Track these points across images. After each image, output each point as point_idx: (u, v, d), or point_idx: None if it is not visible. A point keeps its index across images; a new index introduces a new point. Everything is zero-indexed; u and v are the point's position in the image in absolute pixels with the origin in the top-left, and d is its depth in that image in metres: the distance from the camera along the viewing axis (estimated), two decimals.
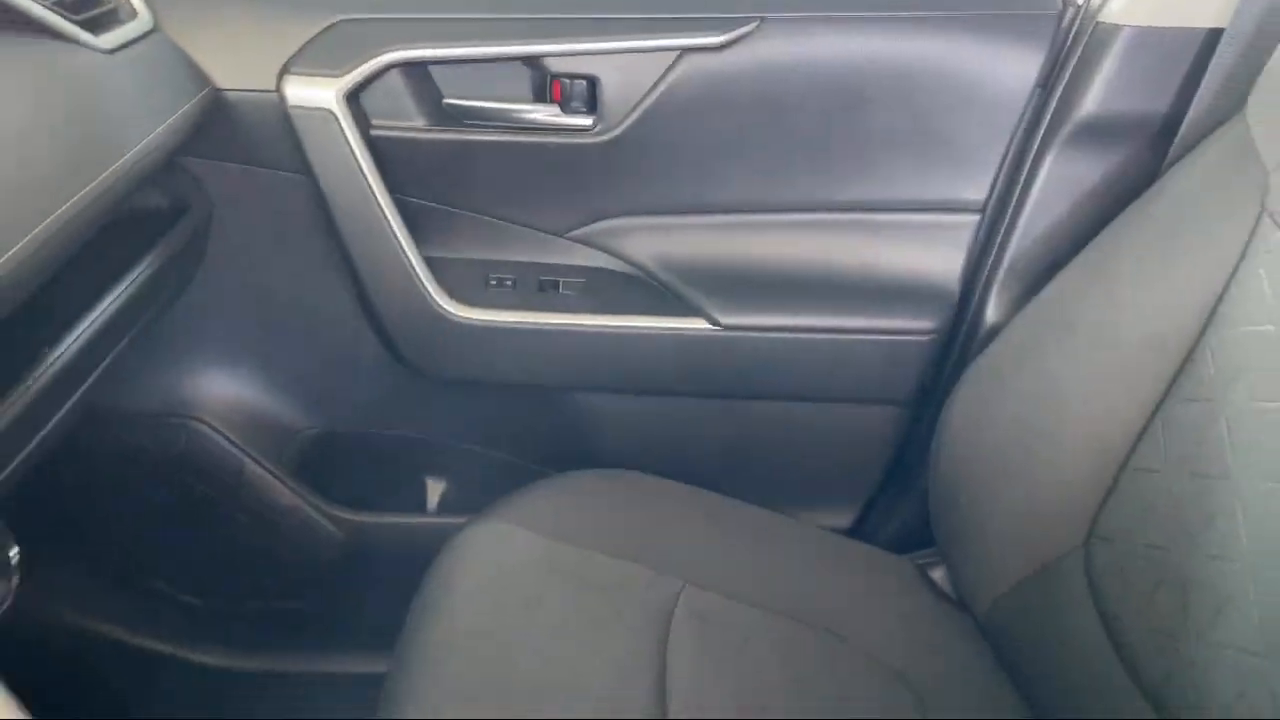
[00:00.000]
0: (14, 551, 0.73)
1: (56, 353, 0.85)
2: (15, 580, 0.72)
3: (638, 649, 0.91)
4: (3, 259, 0.65)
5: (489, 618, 0.92)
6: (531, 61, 1.10)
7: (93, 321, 0.91)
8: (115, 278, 0.96)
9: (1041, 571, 0.91)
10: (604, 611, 0.94)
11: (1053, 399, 0.95)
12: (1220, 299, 0.85)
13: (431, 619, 0.93)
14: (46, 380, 0.82)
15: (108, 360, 0.96)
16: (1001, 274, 1.13)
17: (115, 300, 0.94)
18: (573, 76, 1.09)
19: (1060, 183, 1.09)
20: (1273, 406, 0.76)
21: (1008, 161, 1.13)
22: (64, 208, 0.73)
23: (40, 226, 0.70)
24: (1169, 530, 0.81)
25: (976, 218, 1.15)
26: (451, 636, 0.90)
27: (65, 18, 0.84)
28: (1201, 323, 0.86)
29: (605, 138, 1.11)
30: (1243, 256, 0.85)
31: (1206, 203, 0.92)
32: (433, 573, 0.98)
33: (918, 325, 1.15)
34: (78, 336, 0.89)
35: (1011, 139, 1.12)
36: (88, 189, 0.77)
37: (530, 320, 1.14)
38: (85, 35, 0.86)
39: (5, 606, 0.70)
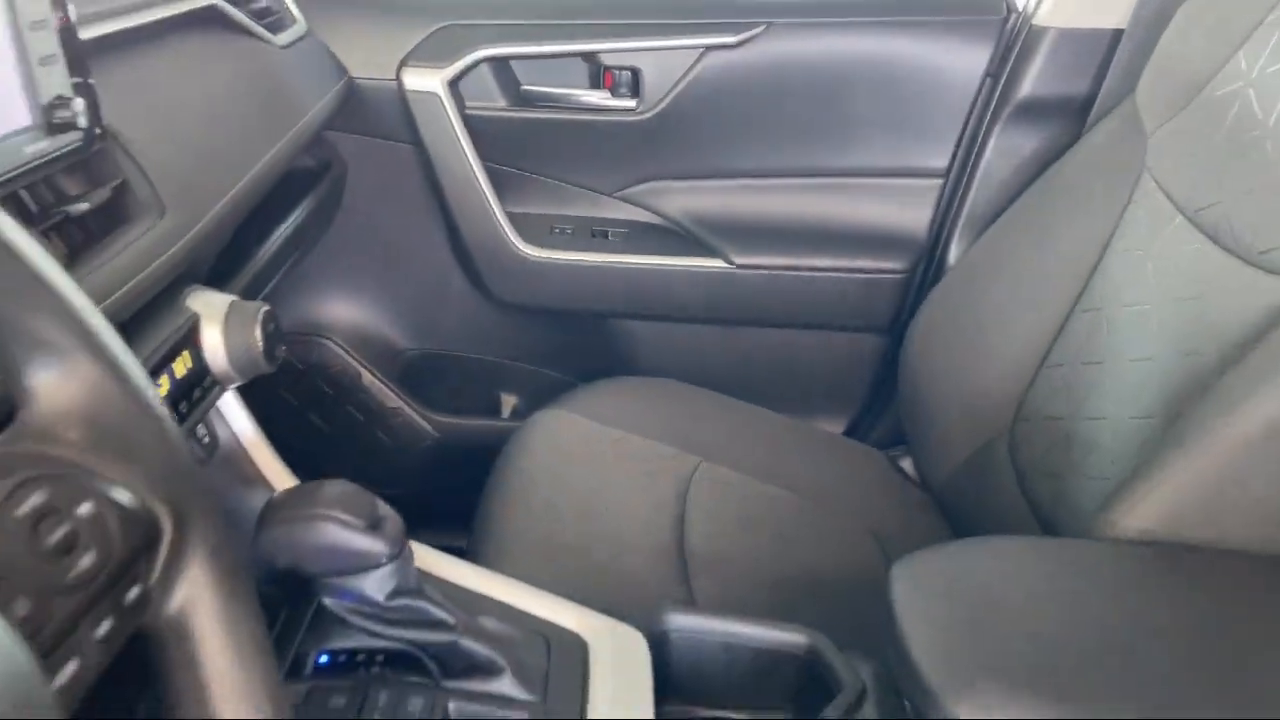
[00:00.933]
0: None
1: (240, 281, 1.13)
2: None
3: (663, 501, 1.18)
4: (223, 201, 0.92)
5: (547, 483, 1.19)
6: (588, 57, 1.39)
7: (262, 255, 1.19)
8: (278, 222, 1.25)
9: (980, 450, 1.18)
10: (639, 476, 1.22)
11: (988, 317, 1.21)
12: (1112, 235, 1.11)
13: (503, 487, 1.20)
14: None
15: (268, 288, 1.25)
16: (960, 225, 1.40)
17: (278, 239, 1.23)
18: (620, 69, 1.38)
19: (1004, 152, 1.36)
20: (1136, 309, 1.02)
21: (964, 136, 1.39)
22: (261, 162, 1.02)
23: (251, 174, 0.99)
24: (1064, 406, 1.07)
25: (940, 181, 1.42)
26: (519, 496, 1.18)
27: (257, 22, 1.14)
28: (1098, 253, 1.12)
29: (645, 117, 1.40)
30: (1128, 202, 1.11)
31: (1105, 162, 1.18)
32: (503, 454, 1.26)
33: (892, 265, 1.43)
34: (251, 267, 1.16)
35: (967, 118, 1.39)
36: (275, 149, 1.06)
37: (585, 259, 1.43)
38: (269, 35, 1.16)
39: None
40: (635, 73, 1.39)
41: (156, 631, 0.37)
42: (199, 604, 0.38)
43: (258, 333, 0.79)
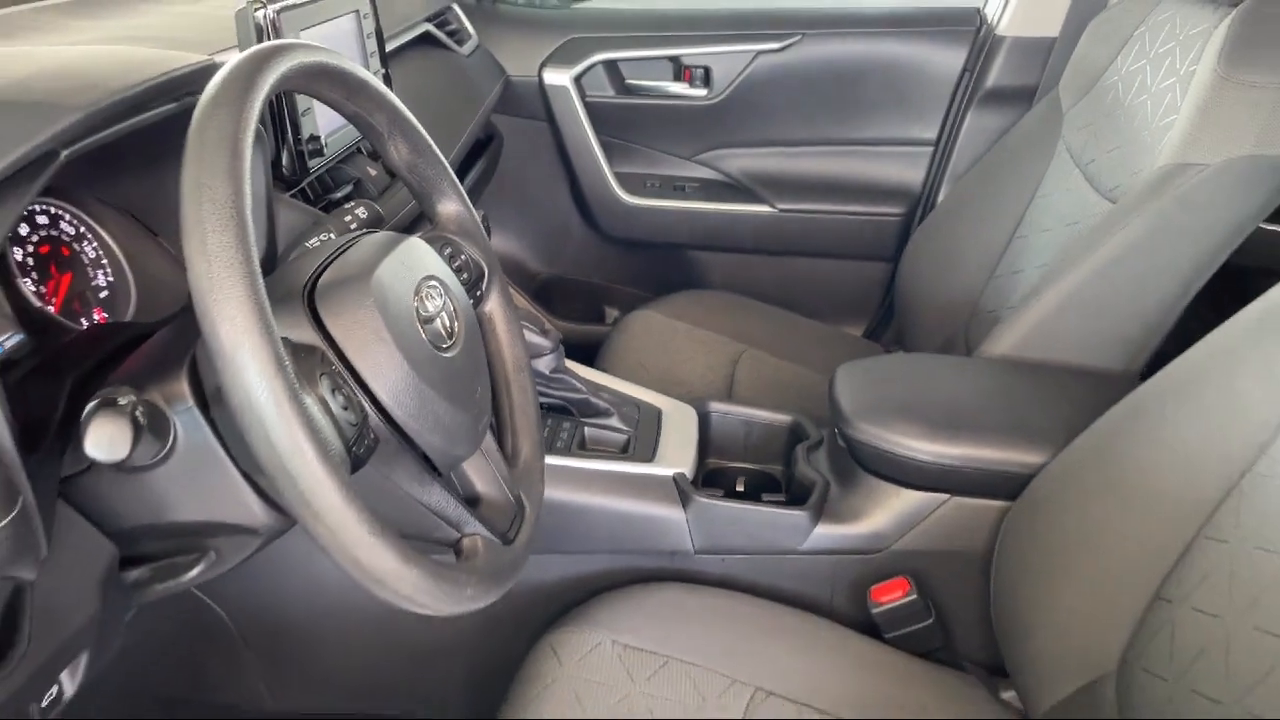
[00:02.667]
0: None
1: None
2: None
3: (717, 371, 1.67)
4: (454, 150, 1.44)
5: (636, 360, 1.66)
6: (673, 59, 1.89)
7: None
8: (459, 176, 1.77)
9: (948, 338, 1.62)
10: (700, 355, 1.70)
11: (956, 244, 1.65)
12: (1039, 185, 1.55)
13: (607, 362, 1.65)
14: None
15: None
16: (945, 180, 1.86)
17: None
18: (696, 67, 1.87)
19: (975, 126, 1.80)
20: (1046, 233, 1.47)
21: (948, 115, 1.85)
22: (465, 133, 1.54)
23: (459, 144, 1.51)
24: (998, 300, 1.52)
25: (930, 148, 1.87)
26: (619, 364, 1.66)
27: (451, 39, 1.67)
28: (1029, 197, 1.54)
29: (713, 102, 1.89)
30: (1050, 161, 1.55)
31: (1037, 133, 1.61)
32: (607, 341, 1.71)
33: (894, 210, 1.89)
34: None
35: (949, 102, 1.84)
36: (470, 125, 1.58)
37: (668, 205, 1.93)
38: (458, 48, 1.68)
39: None
40: (707, 70, 1.88)
41: (483, 318, 0.88)
42: (496, 307, 0.89)
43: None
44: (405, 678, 1.19)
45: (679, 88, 1.89)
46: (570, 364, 1.26)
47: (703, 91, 1.89)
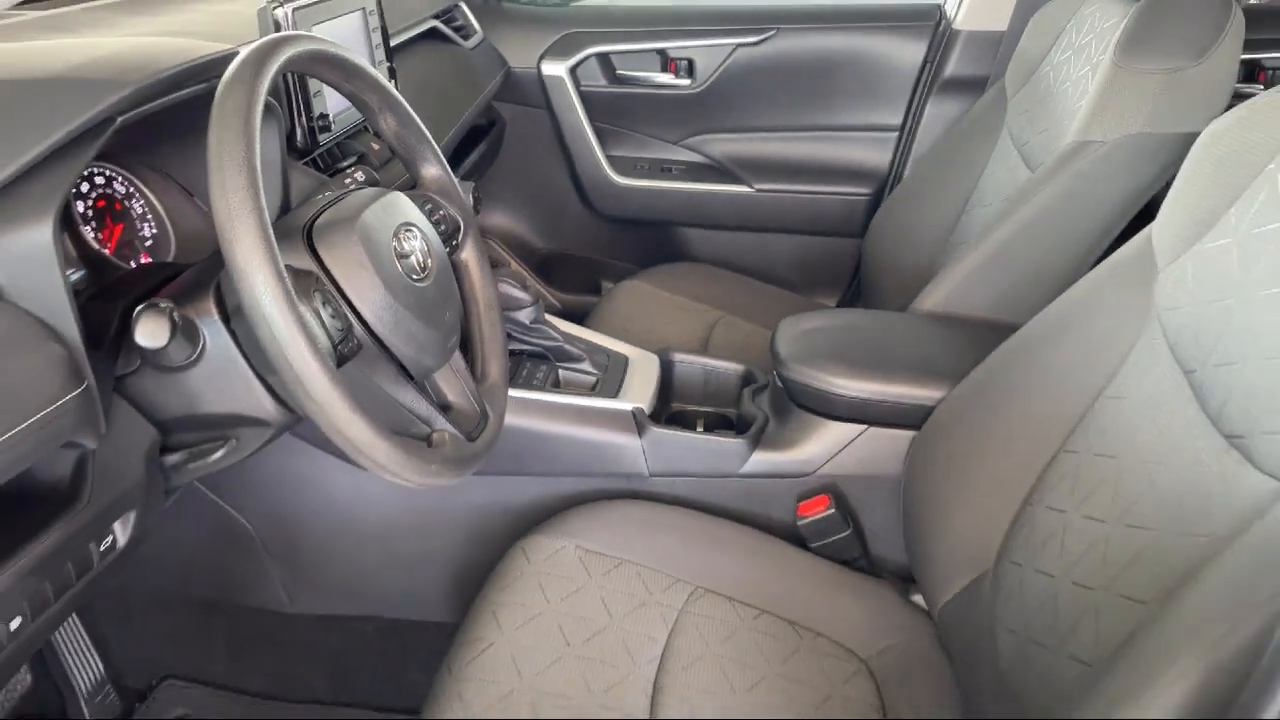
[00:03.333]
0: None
1: None
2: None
3: (695, 333, 1.83)
4: (442, 142, 1.62)
5: (623, 323, 1.85)
6: (660, 52, 2.05)
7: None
8: (462, 158, 1.94)
9: (911, 296, 1.76)
10: (681, 319, 1.87)
11: (914, 217, 1.80)
12: (985, 164, 1.69)
13: (597, 323, 1.86)
14: None
15: None
16: (908, 163, 2.00)
17: (462, 170, 1.92)
18: (680, 59, 2.03)
19: (935, 113, 1.95)
20: (990, 206, 1.62)
21: (911, 102, 1.99)
22: (462, 117, 1.72)
23: (458, 125, 1.68)
24: (946, 259, 1.67)
25: (895, 133, 2.02)
26: (607, 325, 1.84)
27: (457, 34, 1.84)
28: (977, 175, 1.67)
29: (696, 91, 2.05)
30: (995, 144, 1.69)
31: (985, 119, 1.75)
32: (598, 305, 1.90)
33: (862, 190, 2.03)
34: None
35: (912, 90, 1.98)
36: (468, 111, 1.75)
37: (657, 185, 2.09)
38: (463, 42, 1.85)
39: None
40: (690, 62, 2.03)
41: (459, 264, 1.05)
42: (471, 256, 1.05)
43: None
44: (401, 584, 1.36)
45: (665, 78, 2.05)
46: (549, 317, 1.43)
47: (687, 81, 2.04)
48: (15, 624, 0.74)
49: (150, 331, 0.76)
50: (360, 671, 1.40)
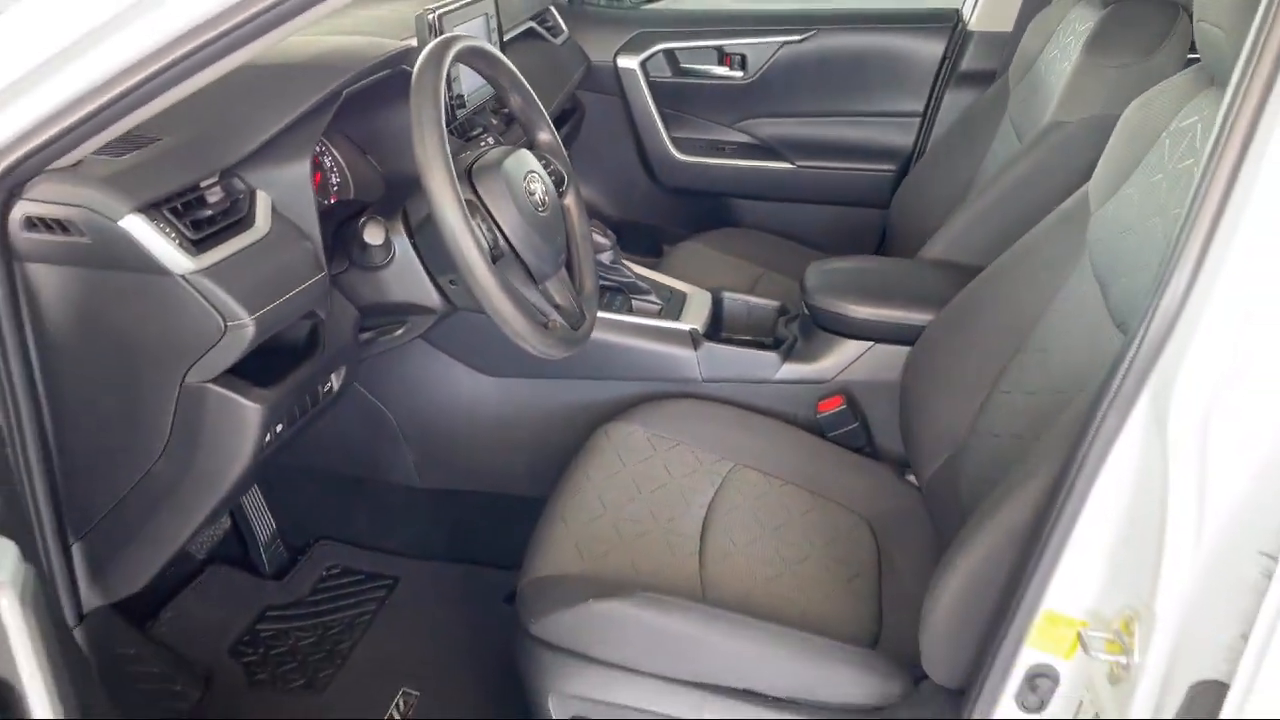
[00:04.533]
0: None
1: None
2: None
3: (742, 282, 2.15)
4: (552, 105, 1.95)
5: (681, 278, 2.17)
6: (717, 48, 2.36)
7: None
8: None
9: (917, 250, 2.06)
10: (731, 275, 2.19)
11: (928, 189, 2.10)
12: (990, 144, 1.98)
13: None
14: None
15: None
16: (931, 143, 2.29)
17: None
18: (734, 54, 2.35)
19: (951, 103, 2.24)
20: (989, 172, 1.91)
21: (931, 93, 2.28)
22: (554, 103, 2.04)
23: (549, 111, 2.01)
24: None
25: (918, 119, 2.31)
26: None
27: (548, 33, 2.18)
28: (984, 153, 1.97)
29: (748, 82, 2.36)
30: (998, 126, 1.98)
31: (990, 106, 2.03)
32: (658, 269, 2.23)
33: (889, 167, 2.33)
34: None
35: (933, 82, 2.27)
36: (558, 97, 2.08)
37: (712, 162, 2.41)
38: (554, 40, 2.19)
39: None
40: (743, 57, 2.35)
41: (564, 206, 1.38)
42: (571, 202, 1.38)
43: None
44: (508, 465, 1.70)
45: (721, 70, 2.37)
46: (624, 260, 1.75)
47: (740, 73, 2.36)
48: (279, 428, 1.09)
49: (373, 233, 1.11)
50: (473, 535, 1.75)
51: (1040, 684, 0.88)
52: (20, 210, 0.91)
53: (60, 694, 0.58)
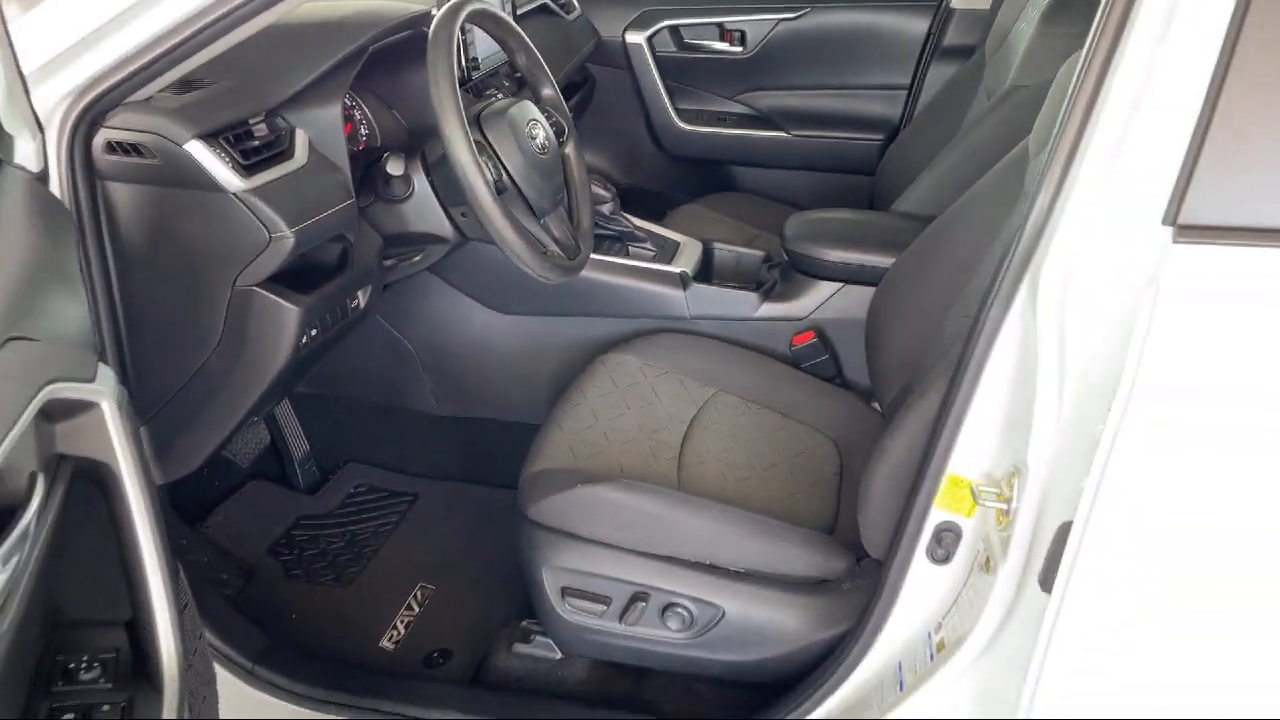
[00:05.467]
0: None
1: None
2: None
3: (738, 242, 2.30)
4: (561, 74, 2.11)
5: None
6: (718, 24, 2.51)
7: None
8: None
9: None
10: (731, 232, 2.34)
11: (911, 158, 2.24)
12: (968, 111, 2.12)
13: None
14: None
15: None
16: (916, 114, 2.43)
17: None
18: (734, 30, 2.49)
19: (935, 76, 2.37)
20: (968, 140, 2.05)
21: (918, 66, 2.42)
22: (563, 72, 2.20)
23: (564, 72, 2.17)
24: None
25: (904, 91, 2.45)
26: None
27: (561, 9, 2.33)
28: (961, 120, 2.13)
29: (747, 57, 2.51)
30: (974, 96, 2.12)
31: (968, 78, 2.17)
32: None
33: (878, 136, 2.47)
34: None
35: (919, 56, 2.40)
36: (567, 67, 2.24)
37: (714, 131, 2.55)
38: (566, 16, 2.35)
39: None
40: (743, 33, 2.49)
41: (565, 154, 1.54)
42: (571, 150, 1.54)
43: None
44: (515, 394, 1.87)
45: (722, 46, 2.51)
46: (622, 211, 1.91)
47: (739, 49, 2.50)
48: (314, 332, 1.26)
49: (394, 165, 1.28)
50: (485, 458, 1.92)
51: (945, 537, 1.04)
52: (102, 137, 1.08)
53: (144, 480, 0.75)
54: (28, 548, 0.61)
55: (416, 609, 1.62)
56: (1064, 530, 0.90)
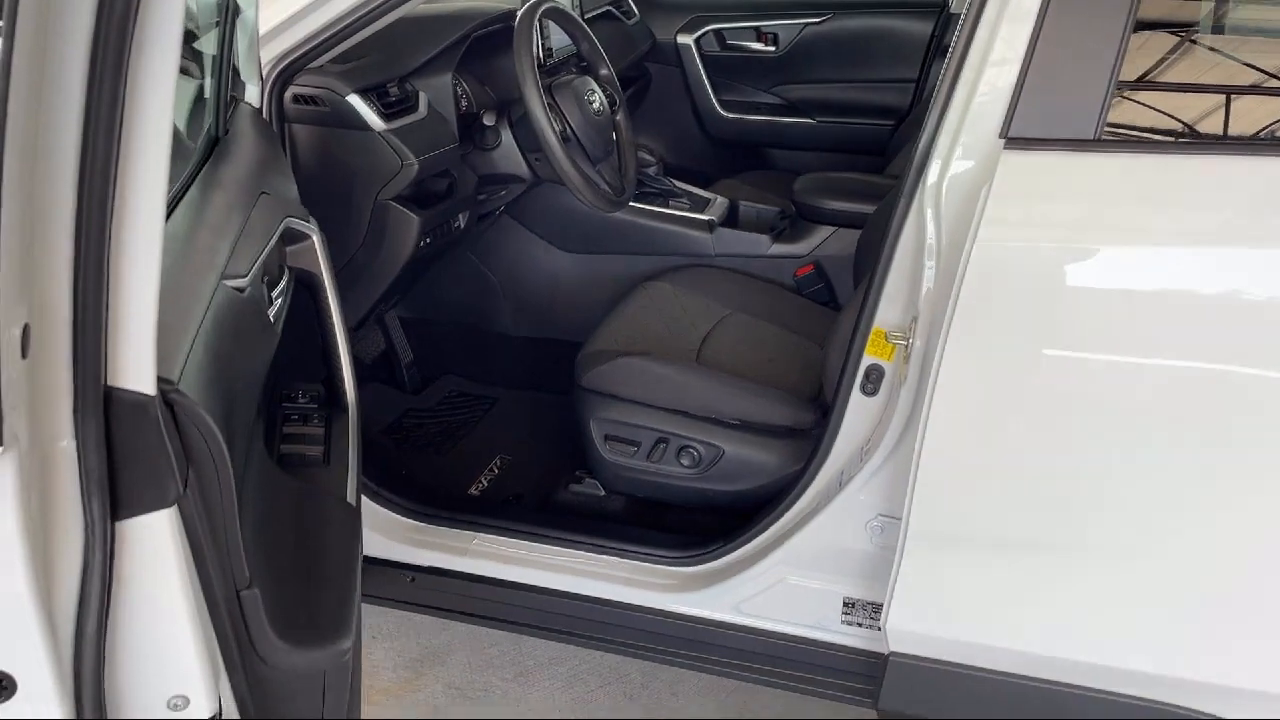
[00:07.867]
0: None
1: None
2: None
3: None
4: (621, 67, 2.54)
5: None
6: (755, 28, 2.90)
7: None
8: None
9: None
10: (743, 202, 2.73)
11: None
12: None
13: None
14: None
15: None
16: (921, 102, 2.78)
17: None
18: (768, 33, 2.88)
19: (938, 70, 2.72)
20: None
21: (924, 61, 2.77)
22: (624, 63, 2.62)
23: (623, 66, 2.60)
24: None
25: (913, 83, 2.80)
26: None
27: (623, 15, 2.75)
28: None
29: (780, 55, 2.89)
30: None
31: None
32: None
33: (888, 122, 2.83)
34: None
35: (925, 54, 2.76)
36: (624, 64, 2.65)
37: (751, 119, 2.94)
38: (627, 21, 2.76)
39: None
40: (776, 35, 2.88)
41: (616, 120, 1.96)
42: (622, 118, 1.96)
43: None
44: (575, 316, 2.28)
45: (758, 46, 2.90)
46: (663, 176, 2.32)
47: (773, 49, 2.89)
48: (428, 240, 1.69)
49: (488, 116, 1.71)
50: (550, 370, 2.33)
51: (873, 373, 1.41)
52: (290, 91, 1.53)
53: (335, 289, 1.18)
54: (285, 299, 1.04)
55: (496, 471, 2.04)
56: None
